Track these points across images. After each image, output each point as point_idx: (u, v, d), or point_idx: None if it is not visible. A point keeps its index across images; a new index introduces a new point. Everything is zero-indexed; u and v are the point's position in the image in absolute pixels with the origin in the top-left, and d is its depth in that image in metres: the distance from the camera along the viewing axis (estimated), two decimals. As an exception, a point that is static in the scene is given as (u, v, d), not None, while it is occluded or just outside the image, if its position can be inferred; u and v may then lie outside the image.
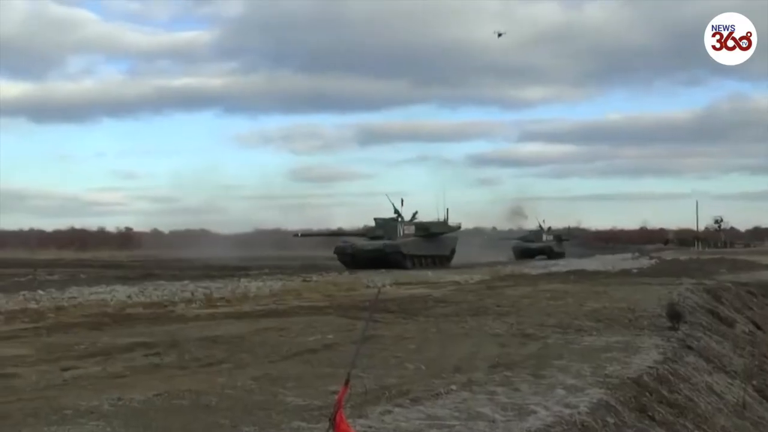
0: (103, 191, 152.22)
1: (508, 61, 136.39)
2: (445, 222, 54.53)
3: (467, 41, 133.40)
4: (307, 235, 56.96)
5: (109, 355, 10.67)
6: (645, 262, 51.05)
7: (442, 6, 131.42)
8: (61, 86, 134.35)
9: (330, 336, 12.56)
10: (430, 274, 33.92)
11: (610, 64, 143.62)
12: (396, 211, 52.09)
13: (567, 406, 7.75)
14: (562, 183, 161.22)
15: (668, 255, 66.65)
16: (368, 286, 25.72)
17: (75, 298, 20.21)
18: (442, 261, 52.01)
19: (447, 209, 55.03)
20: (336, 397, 5.51)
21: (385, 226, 50.72)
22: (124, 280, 28.95)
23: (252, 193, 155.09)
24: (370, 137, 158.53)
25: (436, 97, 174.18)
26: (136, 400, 7.69)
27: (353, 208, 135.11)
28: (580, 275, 33.08)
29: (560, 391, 8.35)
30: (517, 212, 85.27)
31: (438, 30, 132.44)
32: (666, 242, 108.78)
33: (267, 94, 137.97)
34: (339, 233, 53.90)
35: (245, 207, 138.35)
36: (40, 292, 21.98)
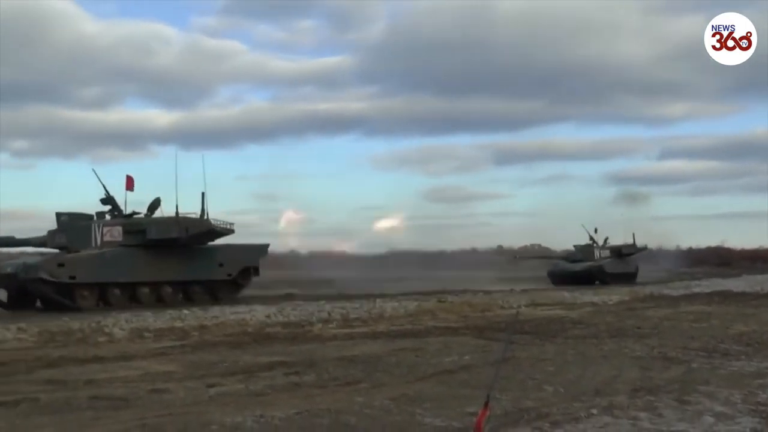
0: (242, 213, 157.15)
1: (649, 78, 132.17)
2: (198, 219, 30.28)
3: (608, 59, 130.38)
4: None
5: (250, 374, 10.97)
6: (798, 283, 48.38)
7: (582, 25, 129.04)
8: (209, 114, 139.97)
9: (466, 357, 12.51)
10: (566, 295, 33.19)
11: (758, 76, 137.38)
12: (107, 199, 30.33)
13: (716, 433, 7.44)
14: (705, 200, 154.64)
15: (824, 275, 63.01)
16: (503, 307, 25.48)
17: (217, 317, 20.87)
18: (215, 290, 30.75)
19: (204, 198, 30.33)
20: (475, 419, 5.49)
21: (70, 230, 29.54)
22: (263, 300, 29.69)
23: (387, 214, 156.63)
24: (505, 157, 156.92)
25: (574, 116, 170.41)
26: (278, 418, 7.86)
27: (485, 228, 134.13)
28: (725, 296, 31.68)
29: (708, 419, 8.01)
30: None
31: (578, 49, 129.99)
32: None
33: (405, 117, 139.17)
34: (7, 242, 30.71)
35: (380, 228, 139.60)
36: (185, 311, 22.84)
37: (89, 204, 30.71)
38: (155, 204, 30.67)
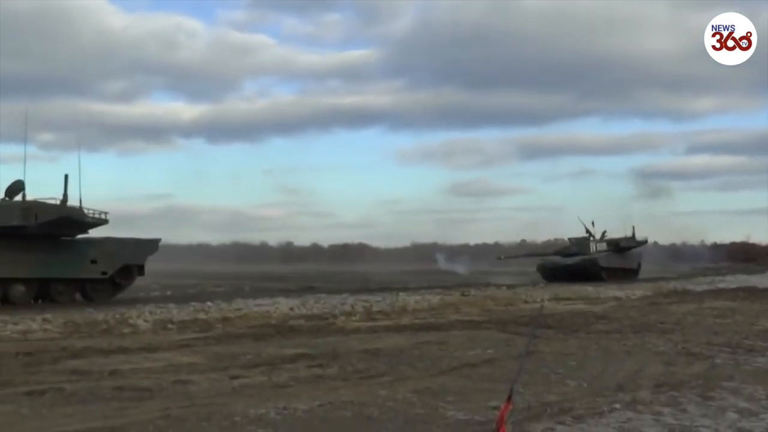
0: (267, 207, 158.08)
1: (676, 72, 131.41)
2: (50, 206, 25.71)
3: (634, 53, 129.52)
4: None
5: (273, 366, 11.02)
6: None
7: (609, 19, 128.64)
8: (236, 107, 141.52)
9: (489, 351, 12.50)
10: (590, 289, 33.08)
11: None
12: None
13: (740, 430, 7.38)
14: (732, 196, 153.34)
15: None
16: (526, 301, 25.43)
17: (240, 309, 20.98)
18: (86, 290, 26.56)
19: (67, 180, 26.17)
20: (498, 412, 5.49)
21: None
22: (286, 292, 29.80)
23: (410, 208, 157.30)
24: (531, 152, 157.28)
25: (600, 110, 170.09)
26: (301, 410, 7.90)
27: (508, 223, 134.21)
28: (750, 292, 31.41)
29: (732, 414, 7.95)
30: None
31: (604, 43, 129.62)
32: None
33: (431, 110, 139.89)
34: None
35: (403, 222, 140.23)
36: (209, 303, 22.98)
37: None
38: (15, 187, 25.84)
